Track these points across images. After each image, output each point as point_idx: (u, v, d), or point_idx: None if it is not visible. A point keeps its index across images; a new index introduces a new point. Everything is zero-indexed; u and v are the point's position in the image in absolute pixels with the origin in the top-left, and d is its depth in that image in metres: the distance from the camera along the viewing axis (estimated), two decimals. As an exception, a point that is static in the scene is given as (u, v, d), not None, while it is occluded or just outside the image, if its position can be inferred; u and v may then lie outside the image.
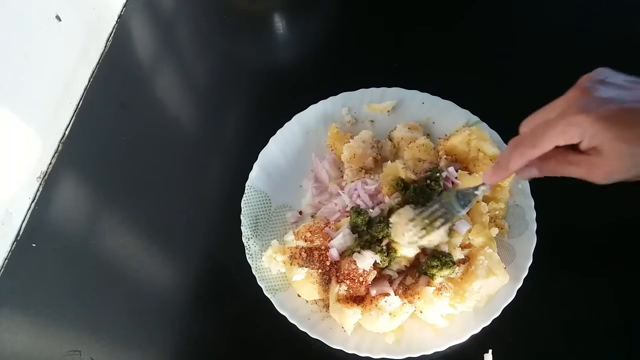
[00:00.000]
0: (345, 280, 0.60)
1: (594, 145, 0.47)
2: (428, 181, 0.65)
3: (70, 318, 0.68)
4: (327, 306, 0.64)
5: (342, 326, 0.61)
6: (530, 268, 0.62)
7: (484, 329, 0.60)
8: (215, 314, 0.67)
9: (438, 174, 0.65)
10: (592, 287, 0.64)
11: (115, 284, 0.70)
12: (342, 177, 0.72)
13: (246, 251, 0.67)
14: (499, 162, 0.53)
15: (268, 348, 0.65)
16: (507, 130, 0.71)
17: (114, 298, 0.69)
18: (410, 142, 0.72)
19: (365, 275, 0.60)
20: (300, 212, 0.72)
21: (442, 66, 0.84)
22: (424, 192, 0.64)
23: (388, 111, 0.77)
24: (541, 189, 0.67)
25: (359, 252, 0.61)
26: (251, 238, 0.68)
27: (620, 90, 0.48)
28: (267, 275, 0.65)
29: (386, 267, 0.62)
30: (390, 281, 0.62)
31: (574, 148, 0.49)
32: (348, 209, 0.67)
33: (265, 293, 0.64)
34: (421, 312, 0.60)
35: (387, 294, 0.60)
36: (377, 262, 0.61)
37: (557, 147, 0.49)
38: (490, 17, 0.91)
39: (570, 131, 0.47)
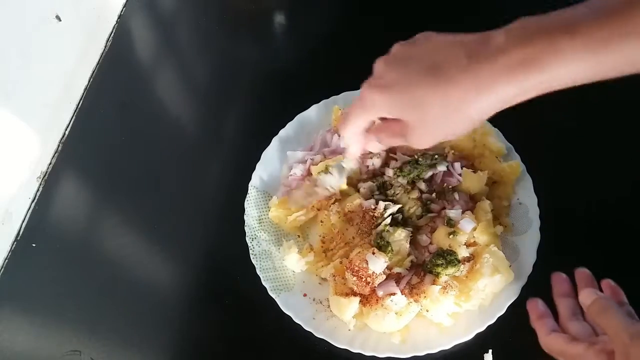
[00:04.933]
0: (352, 273, 0.60)
1: (394, 116, 0.47)
2: (416, 156, 0.68)
3: (70, 318, 0.68)
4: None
5: (340, 318, 0.61)
6: (533, 266, 0.62)
7: (485, 328, 0.59)
8: (215, 314, 0.67)
9: (435, 156, 0.68)
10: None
11: (115, 284, 0.70)
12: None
13: (250, 251, 0.67)
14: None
15: (268, 348, 0.64)
16: (509, 128, 0.71)
17: (114, 298, 0.69)
18: None
19: (374, 277, 0.60)
20: None
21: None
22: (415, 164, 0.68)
23: None
24: (545, 186, 0.67)
25: (374, 254, 0.61)
26: (255, 238, 0.68)
27: (413, 51, 0.46)
28: (271, 275, 0.65)
29: (392, 257, 0.63)
30: (398, 280, 0.62)
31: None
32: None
33: (270, 293, 0.63)
34: (427, 310, 0.60)
35: (394, 294, 0.59)
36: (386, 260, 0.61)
37: (384, 120, 0.50)
38: (491, 17, 0.91)
39: (366, 105, 0.48)
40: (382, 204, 0.65)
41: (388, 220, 0.64)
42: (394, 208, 0.65)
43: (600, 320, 0.49)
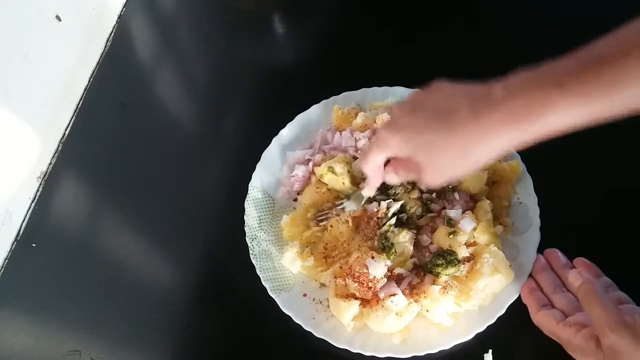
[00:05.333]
0: (353, 280, 0.60)
1: (406, 156, 0.52)
2: None
3: (70, 318, 0.68)
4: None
5: (340, 320, 0.61)
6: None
7: (486, 328, 0.59)
8: (215, 314, 0.67)
9: None
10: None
11: (115, 284, 0.70)
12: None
13: (250, 251, 0.67)
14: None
15: (268, 348, 0.64)
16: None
17: (114, 298, 0.69)
18: None
19: (375, 282, 0.60)
20: None
21: (444, 66, 0.84)
22: None
23: (391, 109, 0.77)
24: (545, 186, 0.66)
25: (373, 258, 0.61)
26: (255, 238, 0.68)
27: (427, 99, 0.51)
28: (271, 275, 0.65)
29: (394, 258, 0.63)
30: (399, 281, 0.61)
31: None
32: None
33: (270, 293, 0.63)
34: (427, 310, 0.60)
35: (394, 294, 0.59)
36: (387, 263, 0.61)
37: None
38: (491, 17, 0.91)
39: (382, 147, 0.53)
40: (384, 204, 0.65)
41: (393, 220, 0.64)
42: (396, 205, 0.65)
43: (586, 306, 0.52)
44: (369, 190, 0.63)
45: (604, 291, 0.53)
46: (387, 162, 0.58)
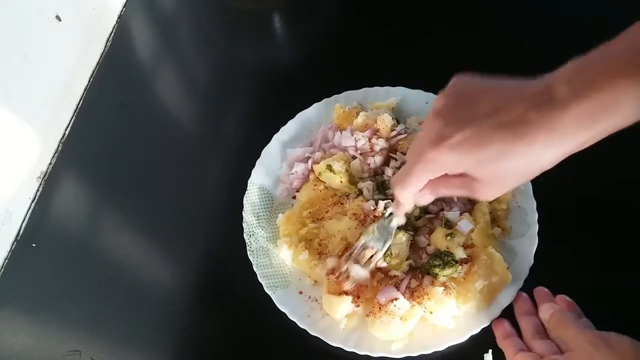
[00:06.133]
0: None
1: (460, 172, 0.47)
2: None
3: (70, 318, 0.68)
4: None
5: (332, 316, 0.61)
6: (530, 270, 0.62)
7: (483, 329, 0.60)
8: (215, 314, 0.67)
9: None
10: (594, 289, 0.64)
11: (115, 284, 0.70)
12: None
13: (247, 248, 0.67)
14: (395, 199, 0.55)
15: (268, 348, 0.64)
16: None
17: (114, 298, 0.69)
18: None
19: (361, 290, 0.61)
20: None
21: (444, 66, 0.84)
22: None
23: (392, 109, 0.77)
24: (544, 190, 0.67)
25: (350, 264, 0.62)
26: (252, 235, 0.68)
27: (472, 105, 0.46)
28: (268, 272, 0.65)
29: (389, 260, 0.63)
30: (397, 285, 0.62)
31: None
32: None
33: (266, 290, 0.64)
34: (431, 312, 0.60)
35: (396, 299, 0.59)
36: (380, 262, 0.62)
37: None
38: (492, 17, 0.91)
39: (430, 167, 0.47)
40: (382, 203, 0.65)
41: (390, 219, 0.64)
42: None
43: (560, 332, 0.51)
44: (399, 219, 0.59)
45: (574, 317, 0.53)
46: None
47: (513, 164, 0.44)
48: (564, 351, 0.51)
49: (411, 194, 0.51)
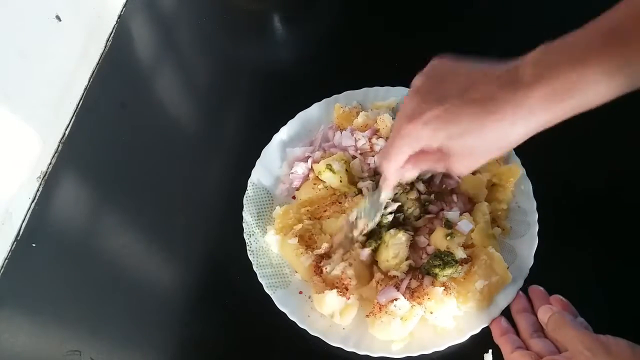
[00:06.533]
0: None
1: (436, 146, 0.50)
2: None
3: (70, 318, 0.68)
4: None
5: (323, 313, 0.61)
6: (530, 270, 0.62)
7: (483, 329, 0.60)
8: (215, 314, 0.67)
9: None
10: (594, 289, 0.64)
11: (116, 284, 0.70)
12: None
13: (247, 248, 0.67)
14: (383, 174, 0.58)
15: (268, 348, 0.64)
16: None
17: (114, 298, 0.69)
18: None
19: (345, 280, 0.62)
20: None
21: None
22: None
23: (392, 109, 0.77)
24: (544, 190, 0.67)
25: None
26: (252, 235, 0.68)
27: (445, 84, 0.50)
28: (268, 272, 0.65)
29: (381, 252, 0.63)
30: (397, 285, 0.62)
31: None
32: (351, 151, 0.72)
33: (266, 289, 0.64)
34: (431, 312, 0.60)
35: (396, 299, 0.59)
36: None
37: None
38: (491, 17, 0.91)
39: (407, 141, 0.51)
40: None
41: (390, 217, 0.65)
42: (393, 206, 0.65)
43: (558, 335, 0.52)
44: (387, 193, 0.61)
45: (573, 319, 0.54)
46: None
47: (483, 138, 0.48)
48: (561, 351, 0.52)
49: (394, 167, 0.54)
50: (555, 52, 0.45)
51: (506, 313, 0.60)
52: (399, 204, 0.66)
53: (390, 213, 0.65)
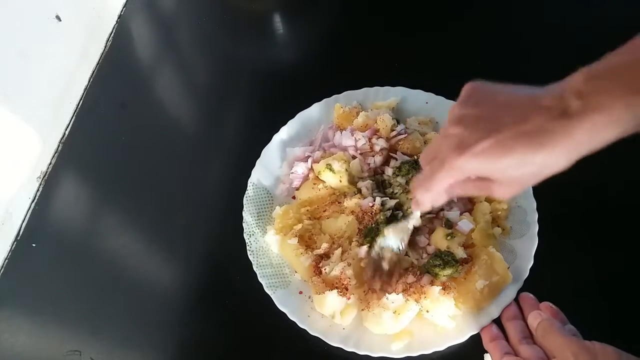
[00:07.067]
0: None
1: (482, 176, 0.49)
2: (416, 157, 0.69)
3: (70, 318, 0.68)
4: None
5: (324, 313, 0.61)
6: (530, 270, 0.62)
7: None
8: (215, 314, 0.67)
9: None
10: (594, 289, 0.64)
11: (116, 284, 0.70)
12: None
13: (247, 248, 0.67)
14: (414, 199, 0.57)
15: (268, 348, 0.64)
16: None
17: (114, 298, 0.69)
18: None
19: (345, 280, 0.62)
20: None
21: (444, 66, 0.84)
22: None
23: (392, 109, 0.77)
24: (544, 190, 0.66)
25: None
26: (252, 235, 0.68)
27: (493, 114, 0.48)
28: (268, 272, 0.65)
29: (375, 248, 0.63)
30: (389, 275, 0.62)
31: None
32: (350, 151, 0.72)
33: (266, 289, 0.64)
34: (427, 311, 0.60)
35: (388, 286, 0.60)
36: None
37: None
38: (492, 17, 0.91)
39: (453, 173, 0.49)
40: (378, 200, 0.66)
41: (388, 213, 0.65)
42: (391, 203, 0.66)
43: (546, 341, 0.53)
44: (416, 220, 0.60)
45: (561, 325, 0.54)
46: None
47: (530, 169, 0.47)
48: (550, 358, 0.52)
49: (433, 197, 0.54)
50: (600, 80, 0.44)
51: (496, 319, 0.60)
52: (397, 200, 0.66)
53: (389, 209, 0.65)
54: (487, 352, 0.60)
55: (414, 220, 0.61)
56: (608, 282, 0.64)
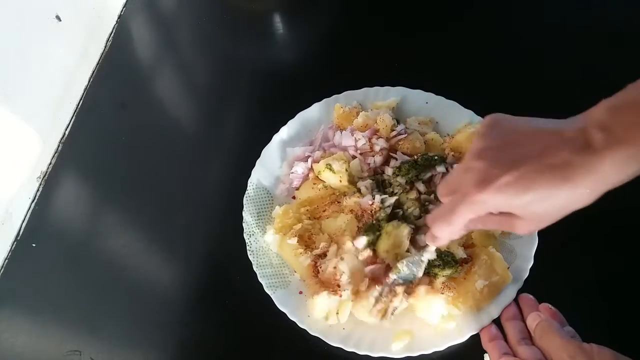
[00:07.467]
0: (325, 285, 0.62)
1: (504, 211, 0.48)
2: (415, 157, 0.69)
3: (70, 318, 0.68)
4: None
5: (317, 316, 0.61)
6: (530, 270, 0.62)
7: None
8: (215, 314, 0.67)
9: (434, 157, 0.68)
10: (594, 289, 0.64)
11: (116, 284, 0.70)
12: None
13: (247, 248, 0.67)
14: (429, 233, 0.55)
15: (268, 348, 0.64)
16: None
17: (114, 298, 0.69)
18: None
19: (337, 276, 0.62)
20: None
21: (444, 66, 0.84)
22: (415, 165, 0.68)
23: (392, 109, 0.77)
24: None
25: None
26: (252, 235, 0.68)
27: (515, 147, 0.47)
28: (268, 272, 0.65)
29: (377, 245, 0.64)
30: (386, 271, 0.62)
31: None
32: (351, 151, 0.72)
33: (266, 289, 0.64)
34: (415, 310, 0.60)
35: (380, 282, 0.60)
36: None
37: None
38: (492, 17, 0.91)
39: (475, 208, 0.48)
40: (378, 197, 0.66)
41: (388, 210, 0.65)
42: (390, 200, 0.66)
43: (544, 343, 0.53)
44: (431, 253, 0.59)
45: (560, 327, 0.54)
46: None
47: (554, 204, 0.46)
48: (548, 359, 0.52)
49: (452, 232, 0.52)
50: (624, 113, 0.43)
51: (495, 320, 0.60)
52: (396, 198, 0.66)
53: (389, 206, 0.65)
54: (486, 352, 0.60)
55: (429, 254, 0.60)
56: (608, 282, 0.64)
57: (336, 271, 0.62)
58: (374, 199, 0.66)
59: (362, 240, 0.63)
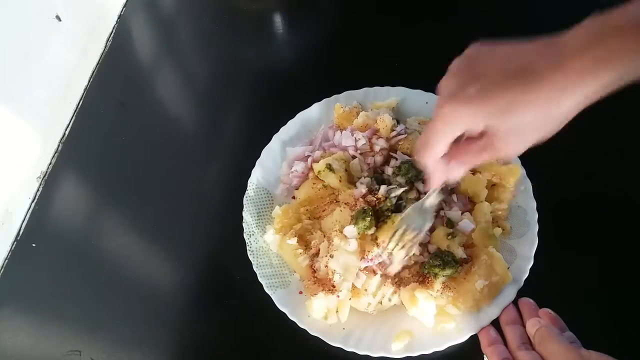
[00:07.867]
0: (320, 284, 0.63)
1: (479, 129, 0.47)
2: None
3: (70, 318, 0.68)
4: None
5: (315, 317, 0.62)
6: (530, 270, 0.62)
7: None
8: (215, 314, 0.67)
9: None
10: (594, 289, 0.64)
11: (115, 284, 0.70)
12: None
13: (247, 248, 0.67)
14: (424, 173, 0.56)
15: (268, 348, 0.64)
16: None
17: (114, 298, 0.69)
18: None
19: (330, 274, 0.62)
20: None
21: (445, 66, 0.84)
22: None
23: (392, 109, 0.77)
24: (544, 190, 0.67)
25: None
26: (252, 235, 0.68)
27: (484, 62, 0.47)
28: (268, 272, 0.65)
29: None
30: (383, 266, 0.62)
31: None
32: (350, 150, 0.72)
33: (266, 289, 0.64)
34: (406, 308, 0.61)
35: (374, 272, 0.61)
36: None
37: (465, 140, 0.50)
38: (492, 18, 0.91)
39: (448, 122, 0.48)
40: (383, 188, 0.66)
41: (394, 200, 0.65)
42: (397, 192, 0.65)
43: (543, 349, 0.53)
44: (433, 197, 0.59)
45: (559, 333, 0.54)
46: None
47: (528, 113, 0.45)
48: None
49: (435, 159, 0.51)
50: (600, 22, 0.43)
51: (495, 323, 0.60)
52: (405, 188, 0.66)
53: (394, 197, 0.65)
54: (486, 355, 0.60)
55: (431, 198, 0.59)
56: (609, 281, 0.64)
57: (327, 268, 0.62)
58: (378, 190, 0.66)
59: (350, 229, 0.63)
